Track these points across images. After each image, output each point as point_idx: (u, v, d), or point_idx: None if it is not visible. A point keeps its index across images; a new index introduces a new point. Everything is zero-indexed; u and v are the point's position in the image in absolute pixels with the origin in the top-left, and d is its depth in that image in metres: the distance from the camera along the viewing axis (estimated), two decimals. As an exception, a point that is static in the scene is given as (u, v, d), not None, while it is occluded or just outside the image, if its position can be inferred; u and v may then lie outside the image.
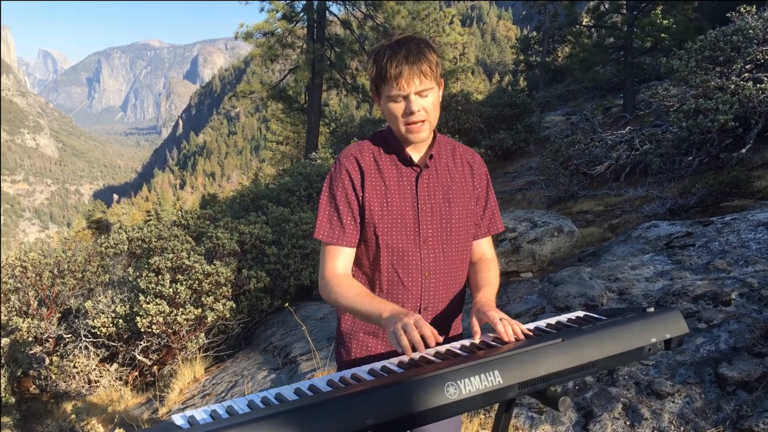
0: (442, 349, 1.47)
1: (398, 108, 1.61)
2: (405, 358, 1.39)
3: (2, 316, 6.00)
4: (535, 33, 36.09)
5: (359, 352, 1.75)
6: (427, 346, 1.39)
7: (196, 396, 5.10)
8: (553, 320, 1.62)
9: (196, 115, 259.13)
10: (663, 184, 8.20)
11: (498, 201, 1.83)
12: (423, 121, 1.62)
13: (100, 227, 37.91)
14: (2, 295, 6.19)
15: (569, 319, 1.62)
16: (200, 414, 1.17)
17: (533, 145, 14.05)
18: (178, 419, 1.16)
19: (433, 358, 1.40)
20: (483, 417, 3.14)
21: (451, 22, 36.59)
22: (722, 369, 2.91)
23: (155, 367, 6.17)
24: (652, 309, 1.55)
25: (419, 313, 1.72)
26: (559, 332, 1.46)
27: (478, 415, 3.12)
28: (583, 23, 17.41)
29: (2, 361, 5.47)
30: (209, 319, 5.55)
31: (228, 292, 5.93)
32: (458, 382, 1.23)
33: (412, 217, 1.68)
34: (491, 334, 1.53)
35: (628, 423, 2.80)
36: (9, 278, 6.37)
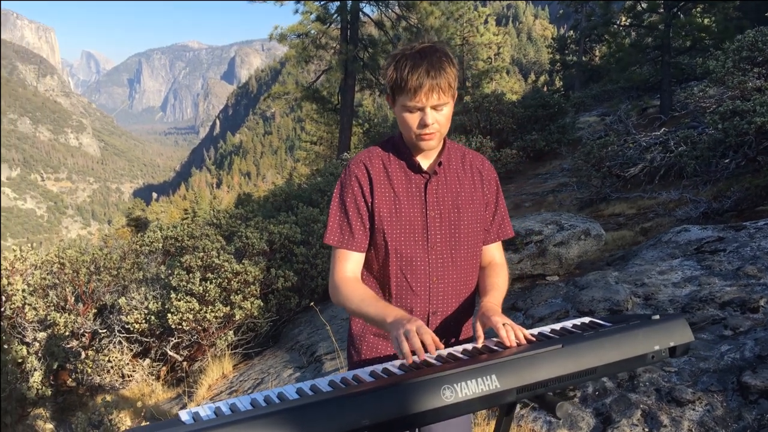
0: (444, 352, 1.49)
1: (413, 118, 1.64)
2: (406, 361, 1.42)
3: (40, 311, 6.21)
4: (571, 32, 35.58)
5: (368, 353, 1.79)
6: (427, 352, 1.41)
7: (224, 392, 5.21)
8: (557, 326, 1.63)
9: (233, 115, 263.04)
10: (698, 187, 8.04)
11: (529, 203, 1.85)
12: (435, 132, 1.65)
13: (139, 225, 38.78)
14: (40, 290, 6.41)
15: (574, 325, 1.63)
16: (204, 411, 1.23)
17: (565, 146, 13.88)
18: (184, 415, 1.21)
19: (433, 361, 1.43)
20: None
21: (486, 22, 36.41)
22: (745, 377, 2.86)
23: (186, 363, 6.32)
24: (657, 316, 1.55)
25: (428, 317, 1.75)
26: (560, 338, 1.48)
27: (493, 420, 3.13)
28: (621, 22, 17.12)
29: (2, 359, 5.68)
30: (237, 317, 5.66)
31: (256, 290, 6.04)
32: (455, 385, 1.26)
33: (420, 224, 1.72)
34: (494, 339, 1.55)
35: (646, 430, 2.77)
36: (47, 274, 6.60)
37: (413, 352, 1.40)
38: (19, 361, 5.56)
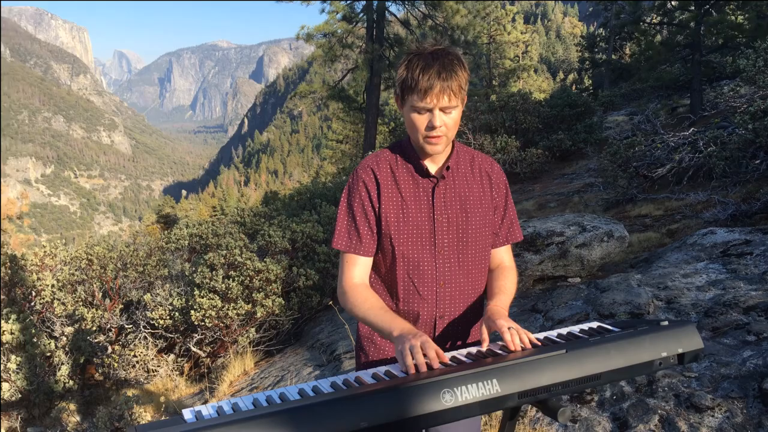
0: (448, 355, 1.50)
1: (421, 120, 1.64)
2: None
3: (69, 306, 6.36)
4: (601, 30, 35.09)
5: (376, 355, 1.80)
6: (430, 367, 1.41)
7: (245, 389, 5.27)
8: (564, 330, 1.62)
9: (261, 113, 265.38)
10: (727, 188, 7.87)
11: (554, 203, 1.83)
12: (441, 136, 1.65)
13: (168, 222, 39.36)
14: (68, 286, 6.56)
15: (582, 330, 1.62)
16: (207, 409, 1.25)
17: (592, 146, 13.71)
18: (187, 413, 1.24)
19: (439, 365, 1.43)
20: (519, 427, 3.13)
21: (513, 20, 36.10)
22: (767, 384, 2.80)
23: (209, 359, 6.41)
24: (666, 322, 1.53)
25: (435, 321, 1.75)
26: (565, 343, 1.47)
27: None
28: (651, 20, 16.84)
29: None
30: (259, 314, 5.73)
31: (278, 288, 6.09)
32: (455, 389, 1.26)
33: (428, 228, 1.72)
34: (500, 342, 1.55)
35: (663, 436, 2.73)
36: (76, 270, 6.74)
37: (417, 367, 1.40)
38: (48, 354, 5.71)
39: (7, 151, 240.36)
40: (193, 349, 6.24)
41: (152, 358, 6.56)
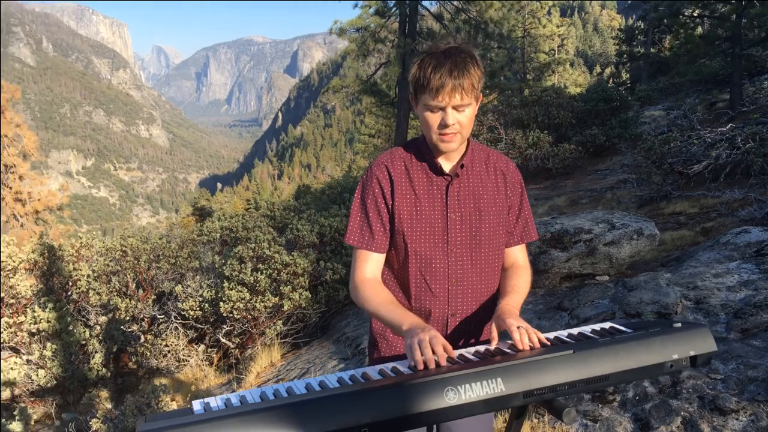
0: (456, 353, 1.50)
1: (434, 118, 1.64)
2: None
3: (103, 296, 6.54)
4: (640, 23, 34.30)
5: (387, 351, 1.82)
6: (438, 363, 1.42)
7: (271, 380, 5.35)
8: (575, 331, 1.61)
9: (295, 108, 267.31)
10: (765, 186, 7.66)
11: (586, 199, 1.81)
12: (455, 134, 1.65)
13: (203, 214, 40.02)
14: (103, 276, 6.74)
15: (593, 330, 1.61)
16: (216, 401, 1.29)
17: (626, 141, 13.45)
18: (197, 405, 1.28)
19: (446, 362, 1.44)
20: (535, 421, 3.12)
21: (549, 13, 35.56)
22: (795, 389, 2.73)
23: (237, 350, 6.52)
24: (679, 324, 1.51)
25: (447, 319, 1.76)
26: (574, 343, 1.47)
27: (529, 420, 3.11)
28: (691, 12, 16.41)
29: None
30: (286, 307, 5.80)
31: (305, 282, 6.16)
32: (458, 387, 1.27)
33: (441, 226, 1.72)
34: (509, 341, 1.55)
35: (685, 438, 2.69)
36: (110, 261, 6.93)
37: (425, 363, 1.41)
38: (83, 343, 5.88)
39: (50, 143, 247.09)
40: (222, 339, 6.36)
41: (183, 348, 6.70)
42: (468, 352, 1.52)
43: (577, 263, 5.23)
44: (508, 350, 1.50)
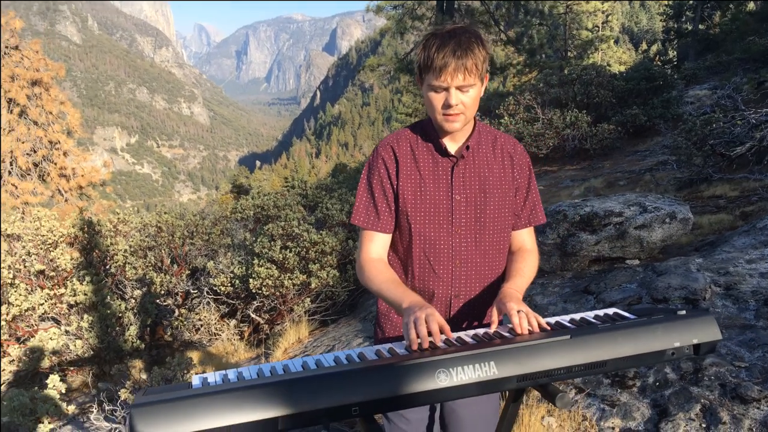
0: (454, 335, 1.51)
1: (438, 98, 1.64)
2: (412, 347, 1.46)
3: (139, 270, 6.73)
4: (689, -2, 33.04)
5: (392, 332, 1.84)
6: (432, 343, 1.43)
7: (298, 356, 5.45)
8: (578, 316, 1.60)
9: (333, 86, 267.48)
10: (811, 169, 7.36)
11: (624, 181, 1.77)
12: (459, 114, 1.64)
13: (241, 191, 40.62)
14: (139, 251, 6.93)
15: (596, 316, 1.59)
16: (214, 377, 1.33)
17: (669, 121, 13.07)
18: (196, 380, 1.32)
19: (441, 344, 1.45)
20: (550, 405, 3.11)
21: (592, -11, 34.54)
22: (822, 380, 2.66)
23: (267, 326, 6.65)
24: (683, 312, 1.49)
25: (450, 300, 1.76)
26: (571, 329, 1.46)
27: (545, 404, 3.10)
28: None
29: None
30: (313, 285, 5.88)
31: (333, 260, 6.22)
32: (450, 369, 1.28)
33: (445, 207, 1.72)
34: (509, 325, 1.55)
35: (703, 426, 2.65)
36: (146, 237, 7.11)
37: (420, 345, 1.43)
38: (119, 315, 6.08)
39: (95, 120, 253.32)
40: (252, 315, 6.49)
41: (215, 322, 6.87)
42: (467, 335, 1.53)
43: (607, 246, 5.15)
44: (507, 334, 1.50)
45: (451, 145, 1.74)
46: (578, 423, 2.91)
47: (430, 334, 1.44)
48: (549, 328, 1.51)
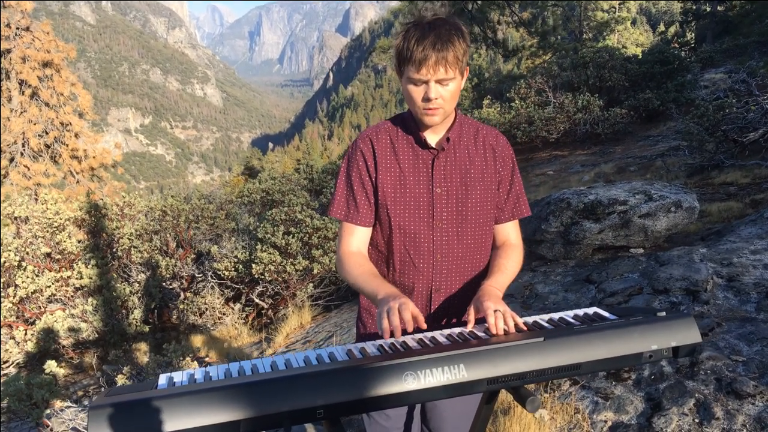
0: (429, 334, 1.49)
1: (417, 92, 1.61)
2: (387, 342, 1.44)
3: (145, 254, 6.77)
4: (707, -22, 32.32)
5: (373, 327, 1.82)
6: (405, 331, 1.42)
7: (299, 341, 5.47)
8: (557, 316, 1.57)
9: (346, 68, 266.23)
10: (824, 156, 7.22)
11: (634, 167, 1.72)
12: (438, 108, 1.61)
13: (252, 174, 40.76)
14: (145, 235, 6.97)
15: (575, 316, 1.56)
16: (181, 376, 1.32)
17: (682, 106, 12.85)
18: (162, 379, 1.31)
19: (415, 344, 1.43)
20: (543, 397, 3.10)
21: (609, -31, 33.94)
22: (819, 376, 2.62)
23: (271, 311, 6.68)
24: (663, 313, 1.46)
25: (430, 294, 1.74)
26: (549, 330, 1.43)
27: (539, 395, 3.08)
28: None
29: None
30: (315, 270, 5.88)
31: (336, 246, 6.20)
32: (418, 372, 1.26)
33: (426, 200, 1.69)
34: (485, 324, 1.52)
35: (696, 421, 2.63)
36: (151, 221, 7.14)
37: (392, 331, 1.41)
38: (124, 299, 6.13)
39: (110, 101, 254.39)
40: (256, 299, 6.51)
41: (220, 306, 6.91)
42: (442, 334, 1.50)
43: (611, 235, 5.09)
44: (482, 334, 1.48)
45: (432, 138, 1.71)
46: (571, 416, 2.90)
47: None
48: (525, 328, 1.48)
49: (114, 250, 7.21)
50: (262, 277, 5.93)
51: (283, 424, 1.20)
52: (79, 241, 6.76)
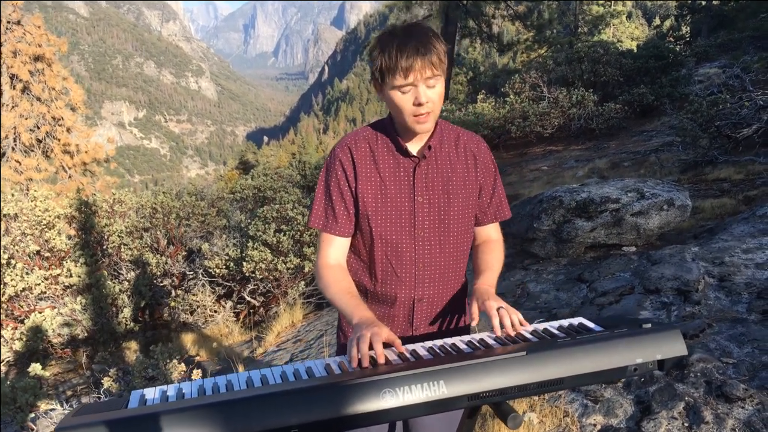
0: (409, 347, 1.46)
1: (405, 99, 1.56)
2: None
3: (135, 251, 6.71)
4: (703, -29, 32.21)
5: (353, 337, 1.79)
6: (374, 361, 1.38)
7: (290, 340, 5.44)
8: (541, 326, 1.55)
9: (341, 61, 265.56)
10: (818, 153, 7.21)
11: (628, 162, 1.70)
12: (429, 113, 1.58)
13: (247, 168, 40.62)
14: (135, 232, 6.91)
15: (560, 327, 1.54)
16: (153, 393, 1.28)
17: (676, 101, 12.84)
18: (133, 396, 1.27)
19: (395, 358, 1.40)
20: (535, 399, 3.07)
21: (604, -38, 33.83)
22: (808, 380, 2.60)
23: (262, 309, 6.65)
24: (649, 325, 1.43)
25: (413, 304, 1.71)
26: (529, 344, 1.40)
27: (527, 398, 3.06)
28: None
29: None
30: (307, 269, 5.84)
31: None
32: (396, 389, 1.23)
33: (408, 209, 1.66)
34: (467, 337, 1.50)
35: (686, 425, 2.61)
36: (141, 218, 7.08)
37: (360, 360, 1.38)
38: (113, 297, 6.08)
39: (103, 94, 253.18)
40: (247, 297, 6.48)
41: (211, 304, 6.87)
42: (423, 346, 1.47)
43: (603, 233, 5.07)
44: (465, 347, 1.45)
45: (413, 145, 1.67)
46: (560, 419, 2.87)
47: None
48: (528, 325, 1.49)
49: (104, 247, 7.15)
50: (254, 275, 5.90)
51: (257, 444, 1.17)
52: (68, 239, 6.71)
